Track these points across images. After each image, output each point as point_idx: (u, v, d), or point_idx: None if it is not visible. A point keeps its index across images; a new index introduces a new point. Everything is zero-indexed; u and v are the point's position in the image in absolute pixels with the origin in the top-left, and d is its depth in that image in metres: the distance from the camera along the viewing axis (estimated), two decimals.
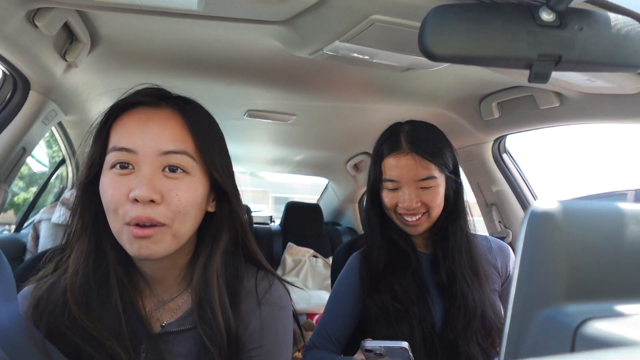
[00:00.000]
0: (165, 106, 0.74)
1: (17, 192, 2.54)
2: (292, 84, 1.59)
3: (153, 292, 0.78)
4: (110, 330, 0.70)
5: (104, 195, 0.69)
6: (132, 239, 0.68)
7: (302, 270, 2.78)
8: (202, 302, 0.73)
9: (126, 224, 0.68)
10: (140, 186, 0.66)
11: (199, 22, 1.08)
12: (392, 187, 1.14)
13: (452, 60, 0.66)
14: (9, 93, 1.30)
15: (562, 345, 0.35)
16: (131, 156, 0.69)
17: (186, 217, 0.71)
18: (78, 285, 0.71)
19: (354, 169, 2.93)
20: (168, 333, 0.75)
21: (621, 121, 1.30)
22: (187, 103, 0.77)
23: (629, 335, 0.32)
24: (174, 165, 0.70)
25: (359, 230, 3.39)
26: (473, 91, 1.60)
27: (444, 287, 1.15)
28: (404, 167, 1.12)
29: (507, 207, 1.88)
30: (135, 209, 0.67)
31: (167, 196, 0.69)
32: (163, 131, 0.70)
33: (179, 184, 0.70)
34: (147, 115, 0.72)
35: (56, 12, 1.03)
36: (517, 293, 0.38)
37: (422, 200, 1.12)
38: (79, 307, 0.69)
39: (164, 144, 0.70)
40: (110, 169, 0.70)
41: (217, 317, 0.72)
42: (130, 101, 0.74)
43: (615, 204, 0.42)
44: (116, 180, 0.69)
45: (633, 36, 0.66)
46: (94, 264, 0.72)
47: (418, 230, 1.15)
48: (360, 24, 0.93)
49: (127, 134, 0.70)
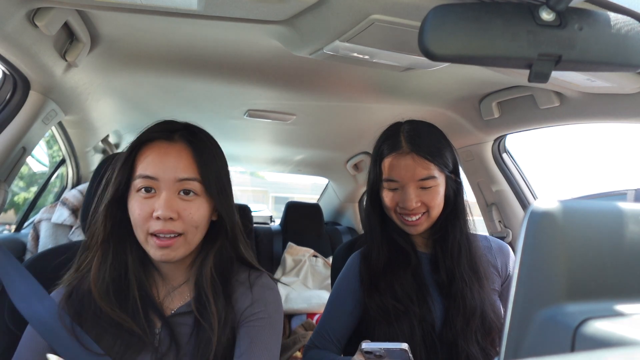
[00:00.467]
0: (178, 139, 0.92)
1: (17, 192, 2.54)
2: (292, 83, 1.59)
3: (165, 282, 0.97)
4: (130, 315, 0.88)
5: (133, 213, 0.89)
6: (156, 247, 0.87)
7: (302, 270, 2.78)
8: (199, 290, 0.93)
9: (150, 234, 0.87)
10: (162, 208, 0.86)
11: (199, 22, 1.08)
12: (392, 187, 1.14)
13: (452, 59, 0.66)
14: (9, 93, 1.30)
15: (562, 344, 0.35)
16: (154, 182, 0.88)
17: (197, 229, 0.91)
18: (100, 281, 0.89)
19: (354, 169, 2.93)
20: (178, 315, 0.94)
21: (621, 121, 1.30)
22: (195, 135, 0.95)
23: (628, 334, 0.32)
24: (187, 189, 0.90)
25: (359, 230, 3.39)
26: (473, 91, 1.60)
27: (444, 287, 1.15)
28: (403, 167, 1.12)
29: (507, 206, 1.88)
30: (157, 224, 0.86)
31: (183, 214, 0.88)
32: (178, 162, 0.89)
33: (191, 205, 0.89)
34: (164, 149, 0.91)
35: (56, 12, 1.03)
36: (517, 292, 0.38)
37: (422, 200, 1.12)
38: (101, 298, 0.88)
39: (179, 173, 0.89)
40: (137, 192, 0.89)
41: (210, 301, 0.91)
42: (149, 137, 0.92)
43: (615, 204, 0.42)
44: (142, 202, 0.88)
45: (633, 36, 0.66)
46: (116, 263, 0.91)
47: (418, 230, 1.15)
48: (360, 23, 0.93)
49: (150, 164, 0.89)
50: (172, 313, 0.94)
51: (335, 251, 1.51)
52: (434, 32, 0.63)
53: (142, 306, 0.90)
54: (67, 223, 1.79)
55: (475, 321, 1.10)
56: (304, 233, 3.09)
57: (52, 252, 1.22)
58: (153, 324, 0.91)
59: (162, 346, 0.89)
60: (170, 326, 0.91)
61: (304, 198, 3.79)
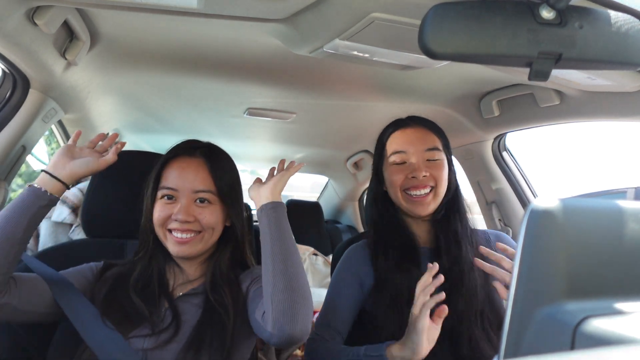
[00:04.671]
0: (198, 155, 1.07)
1: (17, 190, 2.54)
2: (292, 82, 1.59)
3: (182, 274, 1.10)
4: (144, 298, 1.02)
5: (154, 215, 1.04)
6: (175, 244, 1.02)
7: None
8: (215, 280, 1.06)
9: (168, 230, 1.03)
10: (180, 213, 1.01)
11: (199, 20, 1.08)
12: (399, 160, 1.15)
13: (452, 58, 0.66)
14: (9, 91, 1.30)
15: (562, 342, 0.35)
16: (174, 192, 1.03)
17: (212, 230, 1.05)
18: (138, 272, 1.06)
19: (354, 167, 2.93)
20: (184, 296, 1.06)
21: (621, 119, 1.30)
22: (213, 151, 1.10)
23: (628, 333, 0.32)
24: (202, 198, 1.04)
25: (359, 228, 3.39)
26: (473, 89, 1.60)
27: (445, 274, 1.14)
28: (410, 135, 1.16)
29: (507, 204, 1.88)
30: (176, 224, 1.02)
31: (199, 217, 1.02)
32: (196, 177, 1.04)
33: (205, 211, 1.03)
34: (185, 163, 1.06)
35: (55, 10, 1.03)
36: (517, 290, 0.38)
37: (429, 172, 1.13)
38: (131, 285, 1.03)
39: (196, 185, 1.03)
40: (160, 199, 1.05)
41: (225, 290, 1.04)
42: (175, 154, 1.08)
43: (614, 202, 0.42)
44: (163, 206, 1.03)
45: (633, 34, 0.66)
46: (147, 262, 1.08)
47: (426, 210, 1.14)
48: (360, 21, 0.93)
49: (171, 177, 1.05)
50: (179, 295, 1.06)
51: (336, 249, 1.51)
52: (434, 30, 0.63)
53: (157, 291, 1.04)
54: (67, 221, 1.79)
55: (477, 302, 1.10)
56: (304, 231, 3.09)
57: (53, 250, 1.22)
58: (162, 304, 1.03)
59: (164, 322, 1.00)
60: (175, 306, 1.03)
61: (304, 197, 3.79)
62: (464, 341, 1.08)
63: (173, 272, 1.10)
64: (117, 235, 1.25)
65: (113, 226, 1.25)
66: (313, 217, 3.19)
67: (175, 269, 1.10)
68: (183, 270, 1.10)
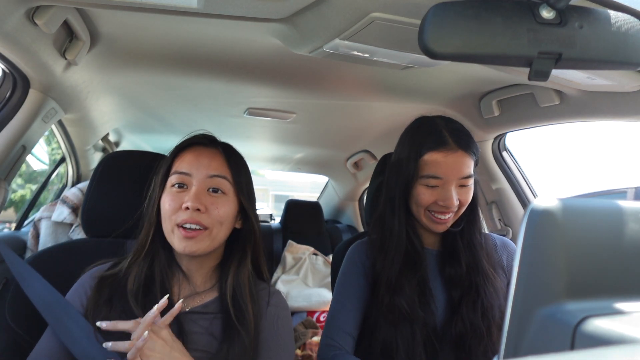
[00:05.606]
0: (213, 147, 1.02)
1: (17, 190, 2.54)
2: (292, 81, 1.59)
3: (189, 284, 1.01)
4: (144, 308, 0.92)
5: (164, 205, 0.96)
6: (181, 239, 0.93)
7: (302, 268, 2.78)
8: (235, 296, 0.98)
9: (177, 225, 0.93)
10: (191, 199, 0.92)
11: (199, 20, 1.08)
12: (433, 184, 1.10)
13: (452, 58, 0.66)
14: (9, 91, 1.30)
15: (561, 342, 0.35)
16: (186, 178, 0.96)
17: (222, 225, 0.96)
18: (134, 276, 0.96)
19: (354, 167, 2.93)
20: (192, 312, 0.97)
21: (621, 119, 1.30)
22: (228, 147, 1.05)
23: (628, 332, 0.32)
24: (216, 187, 0.96)
25: (359, 228, 3.39)
26: (473, 89, 1.60)
27: (458, 281, 1.13)
28: (451, 163, 1.09)
29: (507, 204, 1.88)
30: (185, 214, 0.92)
31: (210, 208, 0.94)
32: (211, 162, 0.98)
33: (218, 201, 0.96)
34: (201, 151, 1.00)
35: (56, 10, 1.03)
36: (516, 290, 0.38)
37: (459, 197, 1.10)
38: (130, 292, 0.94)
39: (211, 170, 0.97)
40: (171, 187, 0.97)
41: (248, 306, 0.97)
42: (191, 142, 1.02)
43: (615, 202, 0.42)
44: (174, 195, 0.95)
45: (633, 34, 0.66)
46: (147, 263, 0.98)
47: (444, 228, 1.13)
48: (360, 21, 0.93)
49: (186, 162, 0.98)
50: (186, 310, 0.97)
51: (336, 249, 1.51)
52: (434, 30, 0.63)
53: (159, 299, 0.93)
54: (68, 221, 1.79)
55: (494, 314, 1.09)
56: (304, 231, 3.09)
57: (53, 250, 1.22)
58: None
59: None
60: (181, 322, 0.94)
61: (304, 196, 3.79)
62: (469, 352, 1.07)
63: (178, 280, 1.00)
64: (117, 235, 1.25)
65: (113, 226, 1.24)
66: (313, 217, 3.19)
67: (181, 276, 1.00)
68: (189, 280, 1.00)
